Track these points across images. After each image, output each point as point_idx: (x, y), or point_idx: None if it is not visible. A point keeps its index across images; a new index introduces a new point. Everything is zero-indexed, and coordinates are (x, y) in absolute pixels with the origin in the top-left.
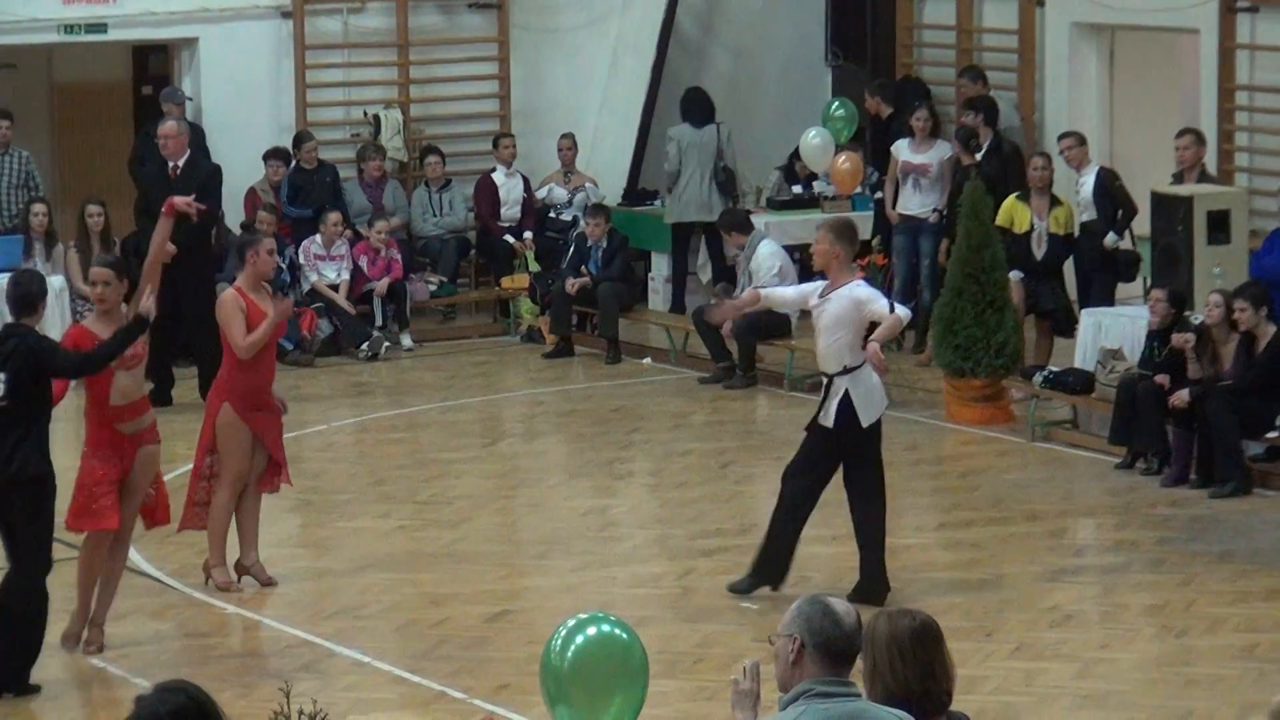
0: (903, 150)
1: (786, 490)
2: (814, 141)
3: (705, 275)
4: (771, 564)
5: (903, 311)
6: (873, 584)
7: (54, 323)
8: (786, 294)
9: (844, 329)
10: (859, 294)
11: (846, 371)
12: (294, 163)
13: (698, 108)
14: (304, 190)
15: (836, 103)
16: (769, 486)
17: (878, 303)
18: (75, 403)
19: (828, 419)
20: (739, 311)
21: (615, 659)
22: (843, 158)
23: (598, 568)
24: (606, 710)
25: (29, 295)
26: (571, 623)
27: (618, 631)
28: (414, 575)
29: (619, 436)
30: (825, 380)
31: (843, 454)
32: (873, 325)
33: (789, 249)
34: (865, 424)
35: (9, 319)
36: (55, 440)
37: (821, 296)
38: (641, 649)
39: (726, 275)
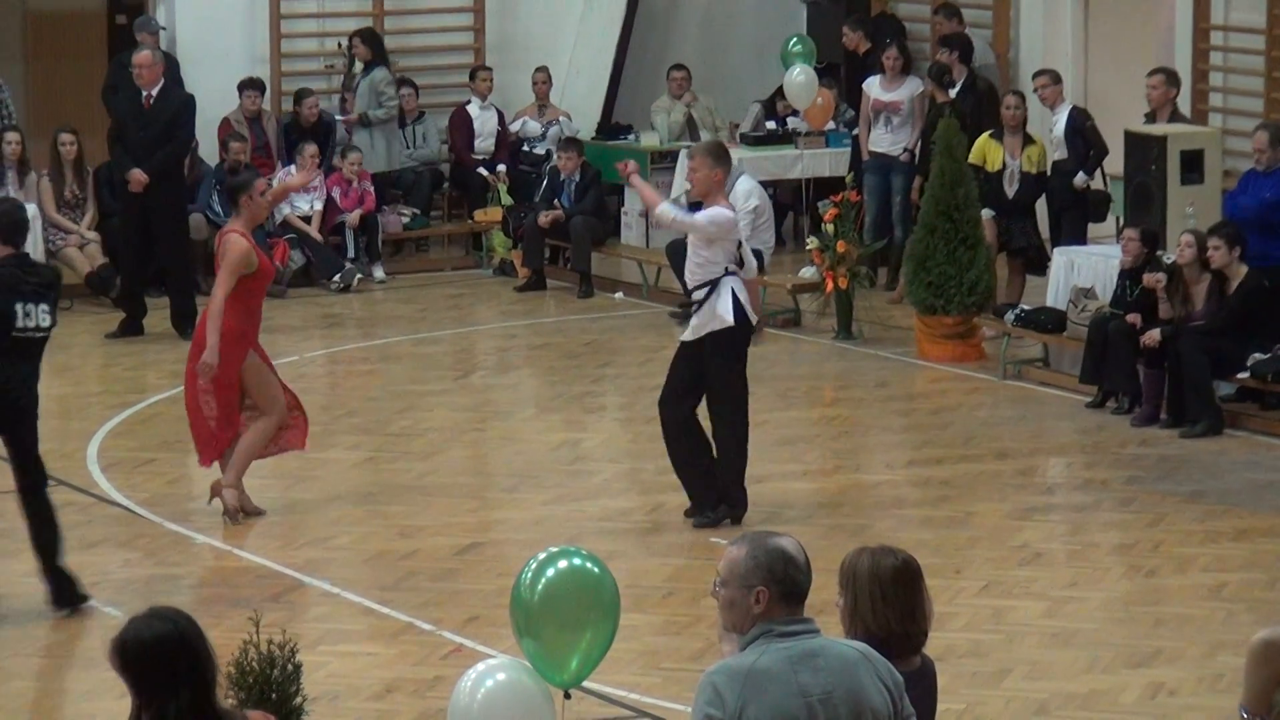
0: (873, 88)
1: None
2: (798, 79)
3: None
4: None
5: (661, 210)
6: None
7: (28, 251)
8: (681, 217)
9: (707, 246)
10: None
11: (729, 274)
12: (292, 117)
13: None
14: (298, 137)
15: (795, 38)
16: None
17: (702, 217)
18: None
19: (726, 318)
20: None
21: (586, 593)
22: (819, 95)
23: (568, 501)
24: (577, 645)
25: (23, 221)
26: (542, 556)
27: (589, 565)
28: (384, 507)
29: (591, 370)
30: (698, 295)
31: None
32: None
33: (763, 185)
34: (752, 319)
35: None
36: None
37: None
38: (613, 583)
39: None
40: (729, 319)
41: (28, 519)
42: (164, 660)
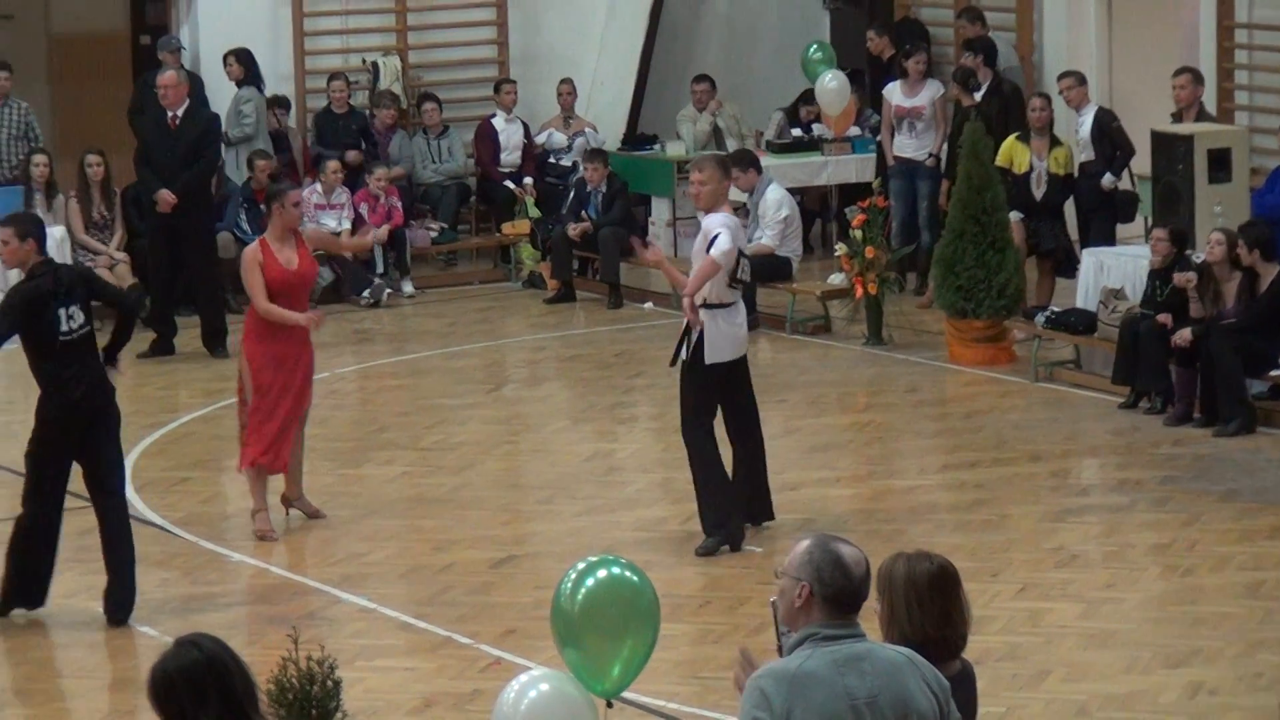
0: (894, 94)
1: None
2: (830, 85)
3: None
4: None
5: (717, 252)
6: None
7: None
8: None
9: (699, 259)
10: (710, 219)
11: (706, 306)
12: (326, 105)
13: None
14: (331, 133)
15: (814, 45)
16: (772, 429)
17: (715, 230)
18: None
19: (683, 352)
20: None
21: (626, 602)
22: None
23: (602, 512)
24: (618, 653)
25: (42, 222)
26: (581, 565)
27: (628, 574)
28: (419, 522)
29: (621, 381)
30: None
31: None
32: (740, 257)
33: (790, 192)
34: (707, 361)
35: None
36: None
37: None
38: (652, 592)
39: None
40: (682, 354)
41: (103, 529)
42: (190, 687)
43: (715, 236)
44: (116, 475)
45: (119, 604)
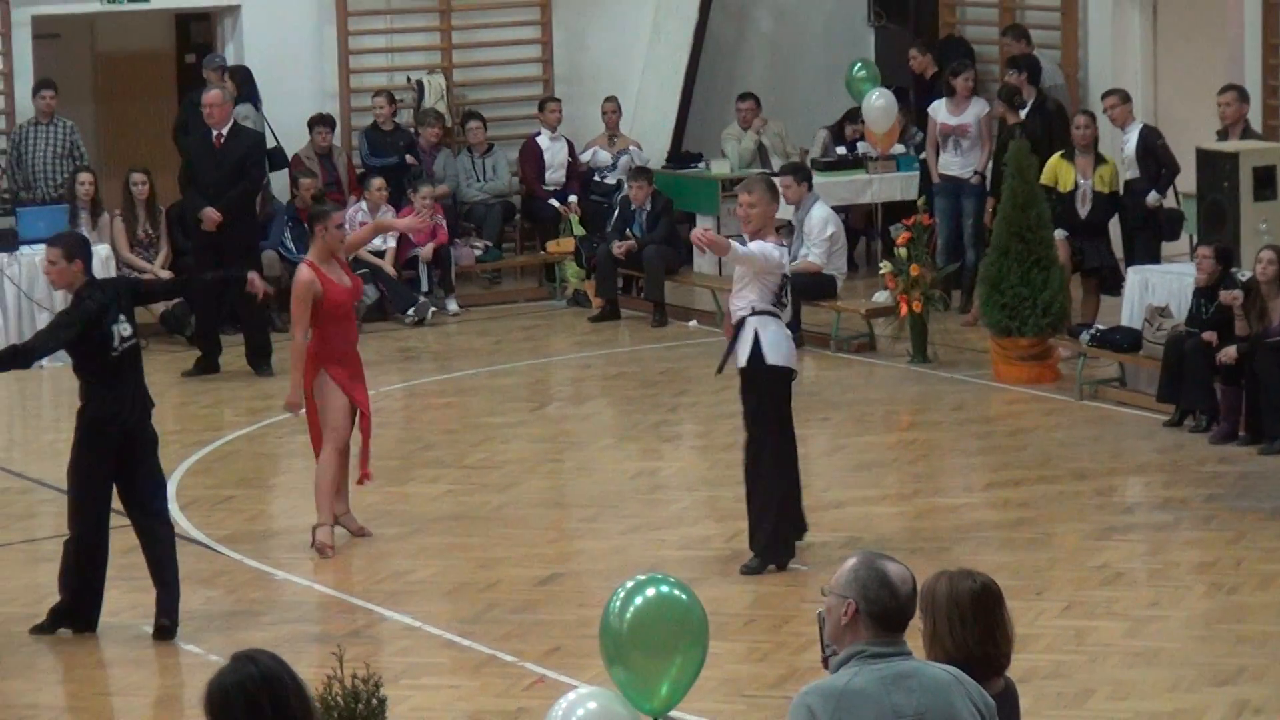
0: (939, 112)
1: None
2: (878, 103)
3: None
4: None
5: (739, 252)
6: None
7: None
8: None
9: (749, 278)
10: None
11: (754, 313)
12: (373, 121)
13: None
14: (380, 148)
15: (859, 64)
16: (817, 447)
17: (753, 249)
18: None
19: (740, 360)
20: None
21: (675, 620)
22: None
23: (647, 530)
24: (666, 671)
25: (87, 240)
26: (630, 584)
27: (677, 593)
28: (463, 540)
29: (666, 399)
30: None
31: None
32: (784, 280)
33: (835, 210)
34: (770, 362)
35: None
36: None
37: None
38: (701, 610)
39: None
40: (742, 361)
41: (147, 550)
42: (246, 702)
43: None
44: (160, 496)
45: (165, 611)
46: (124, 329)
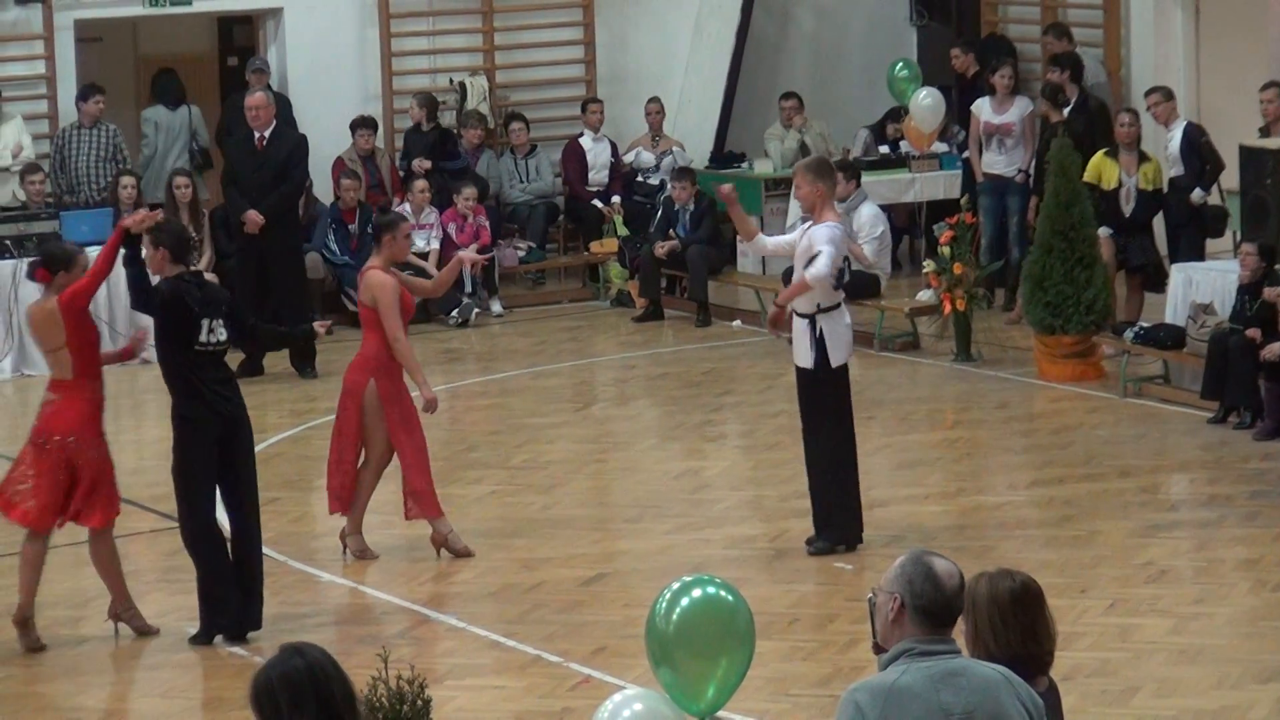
0: (983, 110)
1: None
2: (925, 102)
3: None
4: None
5: (812, 275)
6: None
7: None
8: (779, 241)
9: (800, 264)
10: (816, 232)
11: (821, 311)
12: (413, 125)
13: (171, 90)
14: (419, 151)
15: (900, 63)
16: (862, 446)
17: (819, 247)
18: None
19: (806, 359)
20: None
21: (721, 621)
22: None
23: (691, 530)
24: (712, 673)
25: (190, 239)
26: (676, 585)
27: (724, 594)
28: (508, 540)
29: (710, 399)
30: (801, 320)
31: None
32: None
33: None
34: (834, 364)
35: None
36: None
37: (803, 235)
38: (747, 610)
39: None
40: (807, 361)
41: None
42: (290, 693)
43: (816, 255)
44: (252, 494)
45: (250, 619)
46: (220, 331)
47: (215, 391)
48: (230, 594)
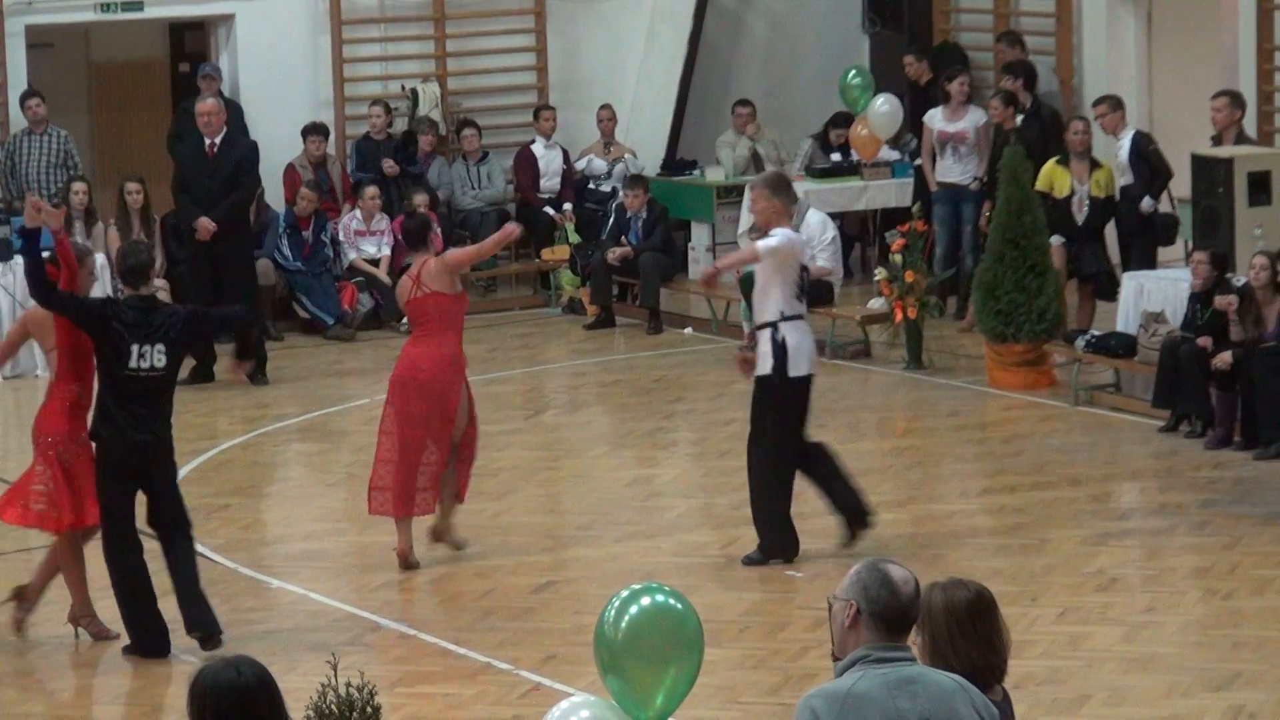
0: (936, 119)
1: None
2: (882, 109)
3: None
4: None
5: (763, 245)
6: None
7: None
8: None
9: (771, 275)
10: (776, 230)
11: (784, 319)
12: (373, 130)
13: None
14: (371, 159)
15: (853, 71)
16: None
17: (773, 239)
18: None
19: (765, 366)
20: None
21: (670, 630)
22: (861, 125)
23: (642, 538)
24: (661, 681)
25: (141, 263)
26: (624, 593)
27: (672, 602)
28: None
29: (662, 406)
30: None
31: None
32: (803, 270)
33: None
34: (792, 374)
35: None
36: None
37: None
38: (697, 619)
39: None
40: (765, 369)
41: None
42: (217, 706)
43: (769, 234)
44: (179, 510)
45: (203, 626)
46: (157, 357)
47: (132, 414)
48: (144, 609)
